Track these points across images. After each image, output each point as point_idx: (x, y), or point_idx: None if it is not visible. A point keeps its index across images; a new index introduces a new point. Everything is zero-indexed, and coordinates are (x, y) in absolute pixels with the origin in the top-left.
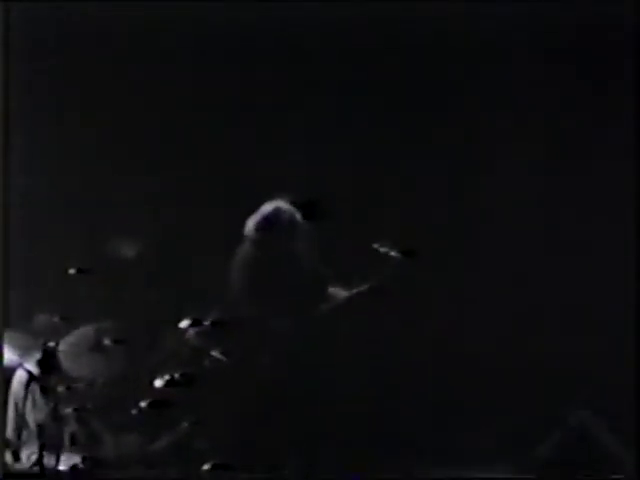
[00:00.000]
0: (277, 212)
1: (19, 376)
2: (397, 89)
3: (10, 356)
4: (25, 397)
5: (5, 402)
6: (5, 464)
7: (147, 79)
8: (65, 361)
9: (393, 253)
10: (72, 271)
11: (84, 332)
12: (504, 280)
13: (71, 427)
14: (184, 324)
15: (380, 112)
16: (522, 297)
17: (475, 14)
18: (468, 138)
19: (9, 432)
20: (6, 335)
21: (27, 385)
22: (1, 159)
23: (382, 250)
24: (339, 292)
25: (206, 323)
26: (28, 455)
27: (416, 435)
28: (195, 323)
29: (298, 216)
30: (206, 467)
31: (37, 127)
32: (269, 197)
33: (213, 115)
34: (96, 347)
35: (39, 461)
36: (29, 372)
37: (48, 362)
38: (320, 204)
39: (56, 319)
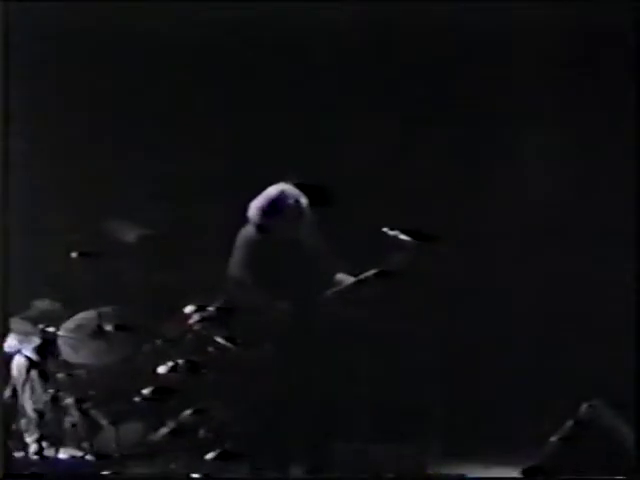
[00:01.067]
0: (282, 196)
1: (17, 362)
2: (408, 72)
3: (9, 341)
4: (24, 384)
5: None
6: (5, 462)
7: (147, 72)
8: (65, 347)
9: (403, 236)
10: (74, 255)
11: (85, 317)
12: (518, 266)
13: (71, 416)
14: (188, 309)
15: (388, 93)
16: (536, 284)
17: (473, 14)
18: (477, 124)
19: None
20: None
21: (26, 372)
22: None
23: (391, 233)
24: (346, 277)
25: (211, 309)
26: (29, 443)
27: (425, 425)
28: (200, 309)
29: (304, 200)
30: (210, 456)
31: (38, 115)
32: (273, 180)
33: (214, 97)
34: (97, 333)
35: (39, 451)
36: (28, 358)
37: (47, 348)
38: (326, 186)
39: (56, 304)
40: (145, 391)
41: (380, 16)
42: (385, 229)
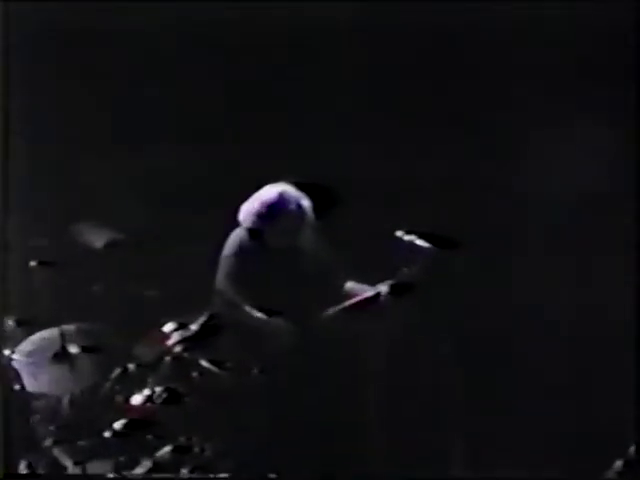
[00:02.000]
0: (281, 199)
1: None
2: (419, 69)
3: None
4: None
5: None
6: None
7: (147, 69)
8: (21, 374)
9: (419, 242)
10: (33, 263)
11: (45, 337)
12: (545, 272)
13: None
14: (168, 328)
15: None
16: (565, 291)
17: (473, 14)
18: (477, 125)
19: None
20: None
21: None
22: None
23: (406, 238)
24: (357, 286)
25: (194, 327)
26: None
27: (442, 447)
28: (181, 327)
29: (306, 202)
30: None
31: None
32: (270, 180)
33: (213, 96)
34: (60, 356)
35: None
36: None
37: None
38: (331, 186)
39: (11, 322)
40: (117, 424)
41: (380, 16)
42: (399, 233)
